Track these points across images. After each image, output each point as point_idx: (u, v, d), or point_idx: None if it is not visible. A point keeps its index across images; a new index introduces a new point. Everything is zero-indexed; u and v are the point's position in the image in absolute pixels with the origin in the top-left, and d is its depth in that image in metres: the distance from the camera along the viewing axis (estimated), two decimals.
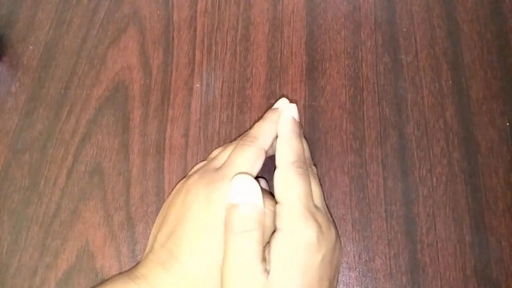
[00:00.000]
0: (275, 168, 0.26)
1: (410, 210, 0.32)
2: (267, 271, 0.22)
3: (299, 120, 0.28)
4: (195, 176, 0.27)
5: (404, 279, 0.30)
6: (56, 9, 0.39)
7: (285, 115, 0.27)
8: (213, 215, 0.24)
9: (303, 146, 0.27)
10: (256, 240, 0.23)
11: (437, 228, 0.31)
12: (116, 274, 0.28)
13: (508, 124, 0.34)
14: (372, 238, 0.31)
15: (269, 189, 0.31)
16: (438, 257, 0.30)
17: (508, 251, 0.30)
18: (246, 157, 0.26)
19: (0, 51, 0.37)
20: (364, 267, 0.30)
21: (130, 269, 0.25)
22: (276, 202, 0.25)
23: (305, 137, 0.31)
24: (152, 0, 0.39)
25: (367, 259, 0.31)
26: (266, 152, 0.27)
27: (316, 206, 0.25)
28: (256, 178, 0.26)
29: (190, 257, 0.24)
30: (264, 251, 0.23)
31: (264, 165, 0.27)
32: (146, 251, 0.27)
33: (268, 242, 0.24)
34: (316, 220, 0.23)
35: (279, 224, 0.23)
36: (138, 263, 0.26)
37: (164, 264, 0.24)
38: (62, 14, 0.39)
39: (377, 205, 0.32)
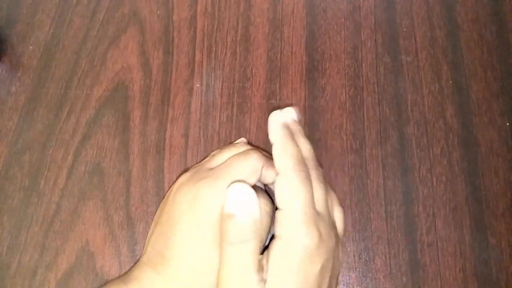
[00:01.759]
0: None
1: (410, 210, 0.32)
2: (263, 281, 0.22)
3: (297, 120, 0.27)
4: (187, 175, 0.27)
5: (404, 279, 0.30)
6: (56, 9, 0.39)
7: (271, 123, 0.26)
8: (201, 213, 0.24)
9: (300, 149, 0.26)
10: (252, 251, 0.22)
11: (437, 228, 0.31)
12: (112, 279, 0.28)
13: (508, 124, 0.34)
14: (372, 238, 0.31)
15: (265, 187, 0.31)
16: (438, 257, 0.30)
17: (508, 251, 0.30)
18: (244, 165, 0.25)
19: (0, 51, 0.37)
20: (364, 267, 0.30)
21: (126, 272, 0.25)
22: (276, 208, 0.24)
23: None
24: (152, 0, 0.39)
25: (367, 259, 0.31)
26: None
27: (318, 213, 0.24)
28: None
29: (180, 260, 0.24)
30: (261, 259, 0.23)
31: None
32: (142, 252, 0.26)
33: (266, 248, 0.23)
34: (317, 228, 0.23)
35: (278, 231, 0.23)
36: (133, 265, 0.26)
37: (156, 267, 0.24)
38: (62, 14, 0.39)
39: (377, 205, 0.32)
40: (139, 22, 0.38)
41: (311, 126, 0.34)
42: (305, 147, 0.26)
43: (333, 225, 0.25)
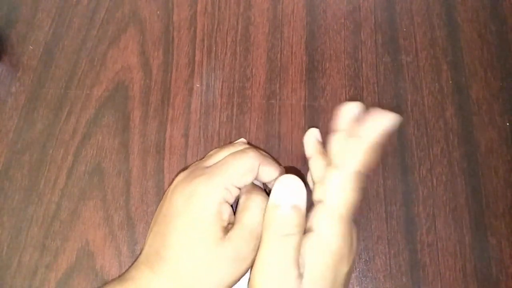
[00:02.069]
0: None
1: (410, 210, 0.32)
2: (300, 276, 0.21)
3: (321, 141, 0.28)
4: (184, 174, 0.27)
5: (404, 279, 0.30)
6: (56, 9, 0.39)
7: (373, 120, 0.24)
8: (197, 210, 0.24)
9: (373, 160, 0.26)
10: (295, 246, 0.22)
11: (437, 228, 0.31)
12: (110, 280, 0.28)
13: (508, 124, 0.34)
14: (372, 238, 0.31)
15: (265, 188, 0.31)
16: (438, 257, 0.30)
17: (508, 251, 0.30)
18: (240, 164, 0.25)
19: (0, 51, 0.37)
20: (364, 267, 0.30)
21: (124, 272, 0.25)
22: (311, 202, 0.24)
23: None
24: (152, 0, 0.39)
25: (367, 259, 0.31)
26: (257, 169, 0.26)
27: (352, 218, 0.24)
28: None
29: (176, 259, 0.23)
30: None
31: None
32: (141, 251, 0.27)
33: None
34: (351, 232, 0.23)
35: (315, 224, 0.22)
36: (131, 265, 0.26)
37: (152, 266, 0.24)
38: (62, 14, 0.39)
39: (377, 205, 0.32)
40: (139, 22, 0.38)
41: (311, 126, 0.34)
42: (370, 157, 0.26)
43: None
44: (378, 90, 0.35)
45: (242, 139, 0.32)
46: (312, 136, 0.28)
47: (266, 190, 0.30)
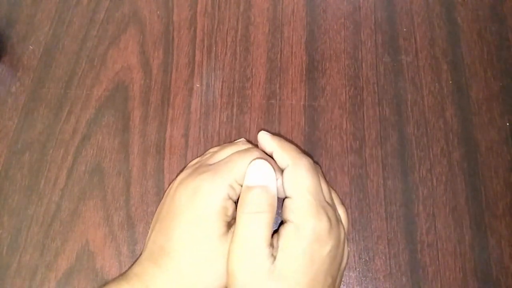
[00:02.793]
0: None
1: (410, 210, 0.32)
2: (273, 256, 0.23)
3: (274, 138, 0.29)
4: (188, 171, 0.27)
5: (404, 279, 0.30)
6: (56, 9, 0.39)
7: (261, 138, 0.27)
8: (201, 208, 0.24)
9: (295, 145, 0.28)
10: (266, 223, 0.23)
11: (437, 228, 0.31)
12: (112, 278, 0.28)
13: (508, 124, 0.34)
14: (372, 238, 0.31)
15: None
16: (438, 257, 0.30)
17: (508, 251, 0.30)
18: (244, 162, 0.25)
19: (0, 51, 0.37)
20: (364, 267, 0.30)
21: (126, 271, 0.25)
22: (285, 197, 0.25)
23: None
24: (152, 0, 0.39)
25: (367, 259, 0.31)
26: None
27: (326, 201, 0.25)
28: None
29: (181, 253, 0.24)
30: (272, 237, 0.23)
31: None
32: (142, 250, 0.27)
33: (277, 231, 0.24)
34: (325, 213, 0.24)
35: (289, 216, 0.24)
36: (133, 263, 0.26)
37: (156, 261, 0.24)
38: (62, 14, 0.39)
39: (377, 205, 0.32)
40: (139, 22, 0.38)
41: (311, 126, 0.34)
42: (292, 144, 0.28)
43: (339, 218, 0.26)
44: (378, 90, 0.35)
45: (242, 139, 0.32)
46: (263, 137, 0.28)
47: None
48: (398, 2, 0.38)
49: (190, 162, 0.33)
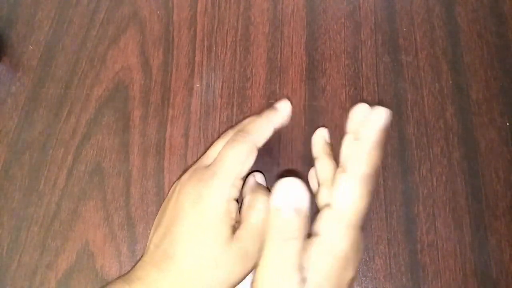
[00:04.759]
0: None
1: (410, 210, 0.32)
2: (303, 280, 0.21)
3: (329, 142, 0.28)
4: (186, 175, 0.27)
5: (404, 279, 0.30)
6: (56, 9, 0.39)
7: (370, 121, 0.23)
8: (205, 213, 0.24)
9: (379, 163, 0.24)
10: (297, 250, 0.21)
11: (437, 228, 0.31)
12: (114, 279, 0.28)
13: (508, 124, 0.34)
14: (372, 238, 0.31)
15: (266, 183, 0.31)
16: (438, 257, 0.30)
17: (508, 251, 0.30)
18: (236, 154, 0.25)
19: (0, 51, 0.37)
20: (364, 267, 0.30)
21: (128, 272, 0.25)
22: (317, 204, 0.24)
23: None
24: (152, 0, 0.39)
25: (367, 259, 0.31)
26: (257, 149, 0.26)
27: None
28: (253, 172, 0.25)
29: (184, 257, 0.24)
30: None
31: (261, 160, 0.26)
32: (144, 253, 0.27)
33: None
34: (358, 238, 0.22)
35: (321, 228, 0.22)
36: (135, 265, 0.26)
37: (159, 266, 0.24)
38: (62, 14, 0.39)
39: (377, 205, 0.32)
40: (139, 22, 0.38)
41: (311, 126, 0.34)
42: (378, 160, 0.24)
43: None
44: (378, 90, 0.35)
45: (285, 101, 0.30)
46: (320, 136, 0.28)
47: (270, 189, 0.30)
48: (398, 2, 0.38)
49: (190, 162, 0.33)
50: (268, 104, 0.35)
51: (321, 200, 0.26)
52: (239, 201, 0.27)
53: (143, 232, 0.32)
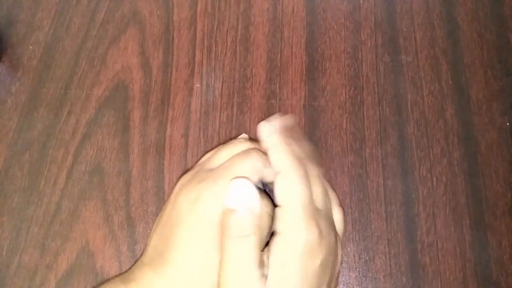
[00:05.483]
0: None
1: (410, 210, 0.32)
2: (265, 276, 0.22)
3: (291, 123, 0.28)
4: (188, 176, 0.27)
5: (404, 279, 0.30)
6: (56, 9, 0.39)
7: (261, 132, 0.26)
8: (202, 215, 0.24)
9: (296, 149, 0.26)
10: (253, 246, 0.22)
11: (437, 228, 0.31)
12: (112, 277, 0.28)
13: (508, 124, 0.34)
14: (372, 238, 0.31)
15: (265, 188, 0.31)
16: (438, 257, 0.30)
17: (508, 251, 0.30)
18: (245, 167, 0.25)
19: (0, 51, 0.37)
20: (364, 267, 0.30)
21: (126, 270, 0.25)
22: (275, 205, 0.24)
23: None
24: (152, 0, 0.39)
25: (367, 259, 0.31)
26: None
27: (317, 209, 0.24)
28: None
29: (180, 260, 0.24)
30: (262, 255, 0.23)
31: None
32: (142, 253, 0.27)
33: (267, 246, 0.23)
34: (316, 224, 0.23)
35: (278, 227, 0.23)
36: (133, 265, 0.26)
37: (155, 268, 0.24)
38: (62, 14, 0.39)
39: (377, 205, 0.32)
40: (139, 22, 0.38)
41: (311, 126, 0.34)
42: (304, 147, 0.26)
43: (333, 224, 0.25)
44: (378, 90, 0.35)
45: (244, 135, 0.32)
46: (265, 130, 0.27)
47: (266, 190, 0.30)
48: (398, 2, 0.38)
49: (190, 162, 0.33)
50: (268, 104, 0.35)
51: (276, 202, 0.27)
52: None
53: (143, 232, 0.32)
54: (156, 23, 0.38)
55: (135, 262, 0.26)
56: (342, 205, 0.29)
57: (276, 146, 0.25)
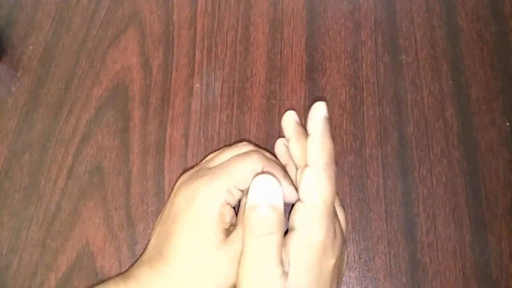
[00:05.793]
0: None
1: (410, 210, 0.32)
2: (285, 274, 0.22)
3: (328, 118, 0.27)
4: (187, 175, 0.27)
5: (404, 279, 0.30)
6: (56, 9, 0.39)
7: (316, 112, 0.25)
8: (199, 213, 0.24)
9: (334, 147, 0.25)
10: (276, 244, 0.22)
11: (437, 228, 0.31)
12: (114, 275, 0.28)
13: (508, 124, 0.34)
14: (372, 238, 0.31)
15: None
16: (438, 257, 0.30)
17: (508, 251, 0.30)
18: (244, 167, 0.25)
19: (0, 51, 0.37)
20: (364, 267, 0.30)
21: (128, 268, 0.26)
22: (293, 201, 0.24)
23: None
24: (152, 0, 0.39)
25: (367, 259, 0.31)
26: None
27: (334, 211, 0.24)
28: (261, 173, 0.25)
29: (177, 260, 0.24)
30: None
31: None
32: (143, 251, 0.27)
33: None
34: (333, 226, 0.23)
35: (296, 222, 0.23)
36: (134, 263, 0.26)
37: (154, 266, 0.24)
38: (62, 14, 0.39)
39: (377, 205, 0.32)
40: (139, 22, 0.38)
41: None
42: (332, 145, 0.25)
43: (341, 226, 0.25)
44: (378, 90, 0.35)
45: (245, 142, 0.32)
46: (290, 118, 0.28)
47: None
48: (398, 2, 0.38)
49: (190, 162, 0.33)
50: (268, 104, 0.35)
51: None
52: (236, 208, 0.27)
53: (143, 232, 0.32)
54: (156, 23, 0.38)
55: (137, 260, 0.26)
56: (341, 204, 0.29)
57: (323, 133, 0.24)
